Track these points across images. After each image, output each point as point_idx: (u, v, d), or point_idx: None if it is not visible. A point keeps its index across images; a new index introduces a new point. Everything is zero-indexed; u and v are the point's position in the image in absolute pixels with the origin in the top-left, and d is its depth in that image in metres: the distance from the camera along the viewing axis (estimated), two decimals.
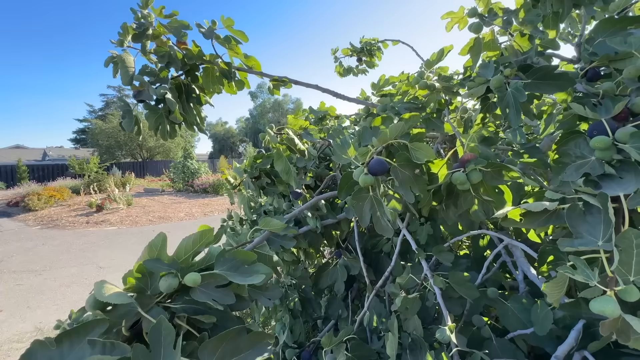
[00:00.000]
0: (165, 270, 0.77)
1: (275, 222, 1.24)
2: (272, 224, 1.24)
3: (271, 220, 1.24)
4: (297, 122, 1.64)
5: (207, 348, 0.65)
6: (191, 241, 0.88)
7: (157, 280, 0.76)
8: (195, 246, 0.88)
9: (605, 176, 0.82)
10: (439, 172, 1.08)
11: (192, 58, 1.42)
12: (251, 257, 0.88)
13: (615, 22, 1.14)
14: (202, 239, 0.89)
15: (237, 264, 0.85)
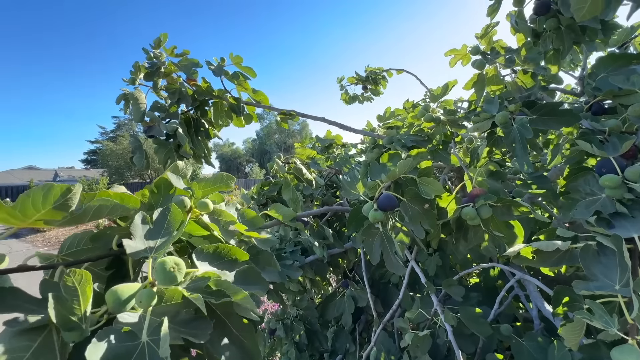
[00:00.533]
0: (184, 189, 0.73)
1: (286, 210, 1.18)
2: (282, 210, 1.18)
3: (281, 207, 1.18)
4: (304, 151, 1.67)
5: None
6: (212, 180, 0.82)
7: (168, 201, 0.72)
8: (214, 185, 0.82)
9: (618, 214, 0.81)
10: (447, 206, 1.08)
11: (201, 94, 1.47)
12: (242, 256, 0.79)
13: (617, 58, 1.16)
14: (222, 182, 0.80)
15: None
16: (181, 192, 0.74)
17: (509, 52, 1.13)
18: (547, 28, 1.22)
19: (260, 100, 1.56)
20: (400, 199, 0.97)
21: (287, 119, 1.57)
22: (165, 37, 1.47)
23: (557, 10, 1.18)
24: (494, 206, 0.99)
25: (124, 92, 1.42)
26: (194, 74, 1.47)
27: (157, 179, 0.73)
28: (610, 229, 0.80)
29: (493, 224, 1.05)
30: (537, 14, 1.22)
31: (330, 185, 1.97)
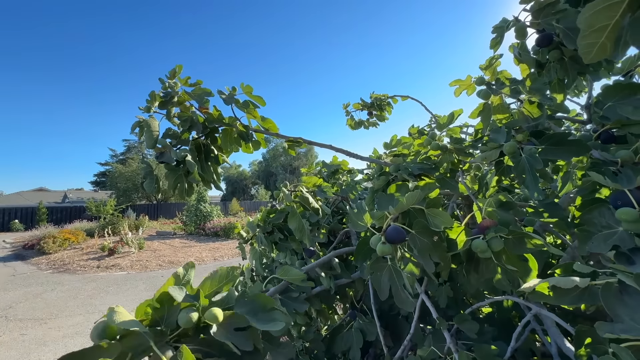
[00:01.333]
0: (188, 301, 0.73)
1: (295, 272, 1.19)
2: (291, 273, 1.19)
3: (290, 269, 1.20)
4: (310, 179, 1.67)
5: None
6: (217, 277, 0.84)
7: (174, 315, 0.70)
8: (220, 282, 0.84)
9: (637, 250, 0.78)
10: (457, 238, 1.05)
11: (212, 121, 1.50)
12: (270, 303, 0.83)
13: (623, 88, 1.17)
14: (229, 276, 0.85)
15: (256, 308, 0.80)
16: (185, 304, 0.73)
17: (514, 83, 1.14)
18: (550, 59, 1.24)
19: (268, 128, 1.59)
20: (409, 231, 0.95)
21: (294, 146, 1.59)
22: (180, 68, 1.53)
23: (560, 42, 1.21)
24: (505, 238, 0.96)
25: (139, 120, 1.46)
26: (206, 102, 1.51)
27: (159, 294, 0.73)
28: (631, 265, 0.77)
29: (506, 257, 1.02)
30: (540, 45, 1.24)
31: (336, 211, 1.96)
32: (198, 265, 10.84)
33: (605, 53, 0.52)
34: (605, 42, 0.51)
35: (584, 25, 0.51)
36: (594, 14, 0.49)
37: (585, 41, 0.52)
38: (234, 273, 0.81)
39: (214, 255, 12.46)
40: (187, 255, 12.39)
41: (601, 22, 0.49)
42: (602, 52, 0.52)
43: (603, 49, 0.51)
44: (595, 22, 0.50)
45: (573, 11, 1.10)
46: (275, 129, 1.56)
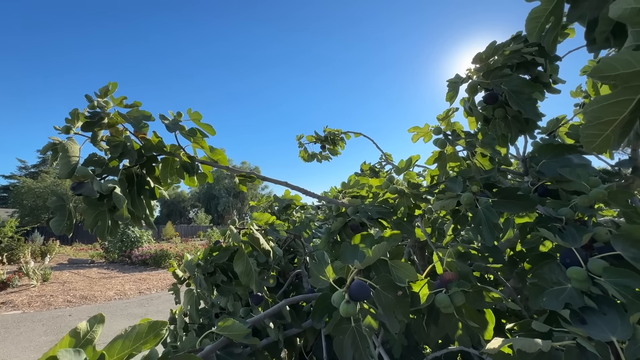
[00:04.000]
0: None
1: (238, 326, 1.02)
2: (233, 327, 1.01)
3: (232, 323, 1.01)
4: (262, 216, 1.54)
5: None
6: (134, 335, 0.64)
7: None
8: (138, 342, 0.64)
9: (588, 309, 0.81)
10: (420, 291, 1.01)
11: (150, 149, 1.30)
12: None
13: (554, 148, 1.30)
14: (149, 334, 0.66)
15: None
16: None
17: (469, 136, 1.20)
18: (495, 116, 1.34)
19: (218, 160, 1.44)
20: (373, 287, 0.88)
21: (246, 182, 1.45)
22: (115, 86, 1.32)
23: (504, 101, 1.31)
24: (466, 292, 0.95)
25: (53, 142, 1.20)
26: (144, 127, 1.31)
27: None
28: (582, 325, 0.79)
29: (466, 312, 1.00)
30: (487, 102, 1.34)
31: (287, 250, 1.82)
32: (119, 301, 9.41)
33: (609, 145, 0.53)
34: (610, 135, 0.52)
35: (590, 116, 0.52)
36: (602, 107, 0.50)
37: (590, 131, 0.53)
38: (159, 329, 0.63)
39: (140, 287, 11.00)
40: (106, 288, 10.73)
41: (609, 116, 0.51)
42: (605, 143, 0.53)
43: (607, 140, 0.53)
44: (603, 115, 0.51)
45: (516, 76, 1.21)
46: (225, 161, 1.42)
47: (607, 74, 0.47)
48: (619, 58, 0.47)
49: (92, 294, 9.92)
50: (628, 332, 0.69)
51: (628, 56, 0.46)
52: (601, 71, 0.47)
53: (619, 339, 0.69)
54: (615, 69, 0.46)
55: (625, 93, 0.48)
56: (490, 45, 1.21)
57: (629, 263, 0.82)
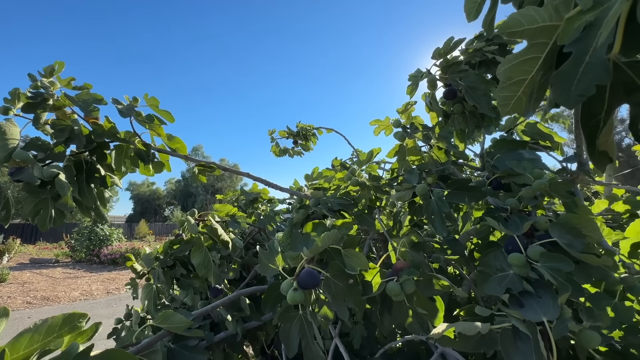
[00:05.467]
0: None
1: (178, 318, 0.98)
2: (173, 320, 0.97)
3: (172, 315, 0.97)
4: (223, 208, 1.50)
5: None
6: (45, 328, 0.59)
7: None
8: (47, 338, 0.59)
9: (526, 293, 0.84)
10: (372, 280, 1.01)
11: (101, 135, 1.23)
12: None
13: (508, 143, 1.35)
14: (64, 328, 0.61)
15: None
16: None
17: (426, 129, 1.22)
18: (454, 111, 1.37)
19: (176, 149, 1.39)
20: (324, 275, 0.87)
21: (205, 172, 1.41)
22: (62, 65, 1.24)
23: (462, 97, 1.35)
24: (417, 280, 0.96)
25: None
26: (95, 111, 1.24)
27: None
28: (520, 308, 0.82)
29: (417, 299, 1.01)
30: (446, 98, 1.37)
31: (252, 244, 1.79)
32: (85, 302, 8.95)
33: (521, 107, 0.54)
34: (522, 97, 0.53)
35: (502, 77, 0.53)
36: (512, 66, 0.51)
37: (503, 93, 0.54)
38: (77, 321, 0.59)
39: (108, 288, 10.52)
40: (71, 288, 10.18)
41: (519, 76, 0.51)
42: (518, 105, 0.54)
43: (519, 102, 0.54)
44: (513, 75, 0.52)
45: (472, 72, 1.25)
46: (183, 150, 1.37)
47: (514, 29, 0.48)
48: (525, 13, 0.48)
49: (55, 294, 9.38)
50: (556, 313, 0.72)
51: (532, 11, 0.47)
52: (509, 27, 0.48)
53: (549, 319, 0.72)
54: (521, 25, 0.47)
55: (532, 51, 0.49)
56: (448, 41, 1.23)
57: (565, 249, 0.87)
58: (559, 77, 0.46)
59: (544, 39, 0.48)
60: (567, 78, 0.45)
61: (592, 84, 0.43)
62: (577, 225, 0.90)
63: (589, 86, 0.43)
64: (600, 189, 1.92)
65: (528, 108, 0.54)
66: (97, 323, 0.75)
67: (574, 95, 0.45)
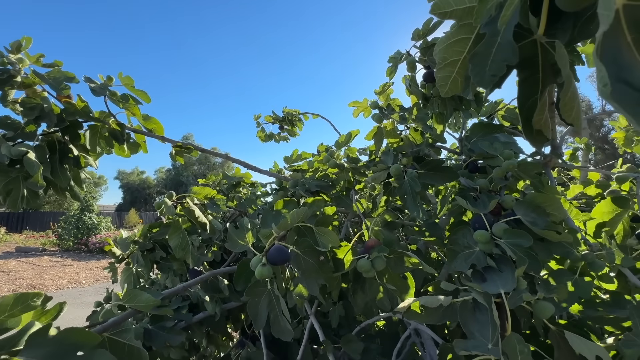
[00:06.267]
0: None
1: (145, 297, 0.96)
2: (140, 299, 0.95)
3: (139, 294, 0.96)
4: (202, 190, 1.49)
5: None
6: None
7: None
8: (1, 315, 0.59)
9: (489, 268, 0.87)
10: (344, 257, 1.03)
11: (73, 114, 1.21)
12: (92, 340, 0.61)
13: (485, 127, 1.37)
14: (16, 307, 0.61)
15: (64, 349, 0.58)
16: None
17: (402, 110, 1.23)
18: (433, 94, 1.38)
19: (152, 129, 1.37)
20: (294, 251, 0.88)
21: (182, 153, 1.40)
22: (29, 41, 1.20)
23: None
24: (388, 258, 0.98)
25: None
26: (66, 89, 1.21)
27: None
28: (483, 282, 0.85)
29: (388, 276, 1.04)
30: (426, 81, 1.37)
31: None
32: (73, 290, 8.89)
33: (457, 88, 0.55)
34: (457, 77, 0.54)
35: (438, 57, 0.53)
36: (445, 47, 0.52)
37: (440, 74, 0.55)
38: (30, 300, 0.59)
39: (97, 276, 10.47)
40: (58, 277, 10.10)
41: (452, 57, 0.52)
42: (454, 86, 0.55)
43: (455, 83, 0.54)
44: (447, 56, 0.52)
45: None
46: (160, 130, 1.35)
47: (443, 10, 0.48)
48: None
49: (42, 282, 9.30)
50: (512, 285, 0.75)
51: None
52: (439, 7, 0.48)
53: (505, 290, 0.75)
54: (450, 5, 0.48)
55: (462, 32, 0.50)
56: (427, 22, 1.23)
57: (528, 226, 0.89)
58: (475, 58, 0.47)
59: (471, 19, 0.48)
60: (482, 59, 0.46)
61: (503, 64, 0.44)
62: (541, 204, 0.93)
63: (500, 66, 0.44)
64: (577, 174, 1.97)
65: (466, 88, 0.55)
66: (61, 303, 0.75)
67: (488, 76, 0.46)
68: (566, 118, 0.61)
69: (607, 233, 1.10)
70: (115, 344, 0.83)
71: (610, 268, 1.02)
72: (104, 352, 0.62)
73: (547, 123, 0.56)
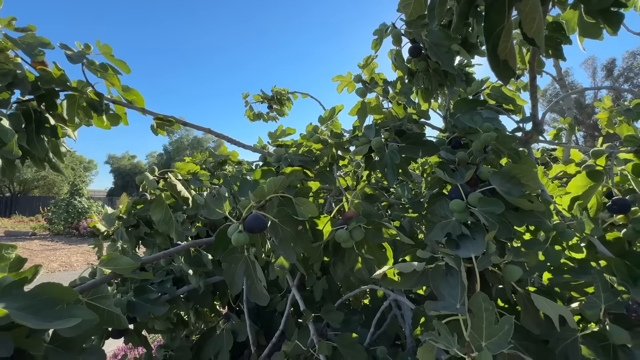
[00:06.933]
0: None
1: (124, 260, 0.95)
2: (119, 262, 0.95)
3: (118, 257, 0.95)
4: (185, 166, 1.48)
5: None
6: None
7: None
8: None
9: (464, 236, 0.89)
10: (323, 228, 1.05)
11: (49, 82, 1.17)
12: (69, 296, 0.62)
13: (468, 103, 1.37)
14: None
15: (40, 303, 0.58)
16: None
17: (385, 84, 1.22)
18: (419, 69, 1.37)
19: (132, 101, 1.34)
20: (272, 220, 0.89)
21: (164, 126, 1.37)
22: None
23: (427, 55, 1.34)
24: (366, 229, 1.00)
25: None
26: (39, 55, 1.17)
27: None
28: (457, 249, 0.87)
29: (367, 247, 1.06)
30: (412, 55, 1.36)
31: None
32: (64, 272, 8.88)
33: (422, 8, 0.55)
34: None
35: None
36: None
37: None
38: (4, 252, 0.59)
39: (89, 259, 10.44)
40: (49, 260, 10.05)
41: None
42: (418, 6, 0.54)
43: (419, 4, 0.54)
44: None
45: (437, 28, 1.23)
46: (141, 102, 1.33)
47: None
48: None
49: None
50: (482, 249, 0.77)
51: None
52: None
53: (475, 254, 0.77)
54: None
55: None
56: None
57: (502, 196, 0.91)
58: None
59: None
60: None
61: None
62: (517, 175, 0.94)
63: None
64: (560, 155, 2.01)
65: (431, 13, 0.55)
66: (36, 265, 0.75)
67: None
68: (527, 32, 0.60)
69: (581, 206, 1.13)
70: (95, 309, 0.84)
71: (581, 238, 1.06)
72: (84, 307, 0.63)
73: (512, 52, 0.56)
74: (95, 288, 0.83)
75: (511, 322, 0.64)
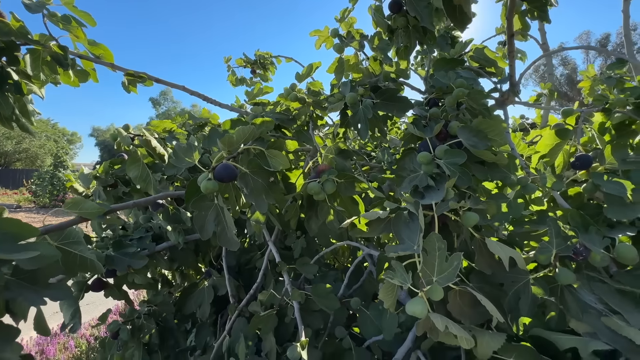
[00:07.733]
0: None
1: (90, 205, 0.96)
2: (84, 206, 0.95)
3: (83, 202, 0.96)
4: (161, 124, 1.45)
5: None
6: None
7: None
8: None
9: (429, 188, 0.92)
10: (297, 181, 1.06)
11: (7, 33, 1.10)
12: (29, 233, 0.62)
13: (447, 62, 1.36)
14: None
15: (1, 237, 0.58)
16: None
17: (362, 38, 1.19)
18: (398, 25, 1.33)
19: (100, 56, 1.28)
20: (242, 170, 0.90)
21: (136, 82, 1.33)
22: None
23: (407, 11, 1.31)
24: (339, 182, 1.02)
25: None
26: None
27: None
28: (422, 199, 0.90)
29: (340, 200, 1.09)
30: (392, 11, 1.32)
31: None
32: None
33: None
34: None
35: None
36: None
37: None
38: None
39: None
40: None
41: None
42: None
43: None
44: None
45: None
46: (109, 57, 1.27)
47: None
48: None
49: None
50: (441, 196, 0.81)
51: None
52: None
53: (435, 201, 0.81)
54: None
55: None
56: None
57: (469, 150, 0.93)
58: None
59: None
60: None
61: None
62: (484, 130, 0.96)
63: None
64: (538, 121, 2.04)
65: None
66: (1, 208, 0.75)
67: None
68: None
69: (547, 163, 1.16)
70: (66, 254, 0.85)
71: (543, 193, 1.10)
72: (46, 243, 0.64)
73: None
74: (67, 233, 0.83)
75: (460, 258, 0.68)
